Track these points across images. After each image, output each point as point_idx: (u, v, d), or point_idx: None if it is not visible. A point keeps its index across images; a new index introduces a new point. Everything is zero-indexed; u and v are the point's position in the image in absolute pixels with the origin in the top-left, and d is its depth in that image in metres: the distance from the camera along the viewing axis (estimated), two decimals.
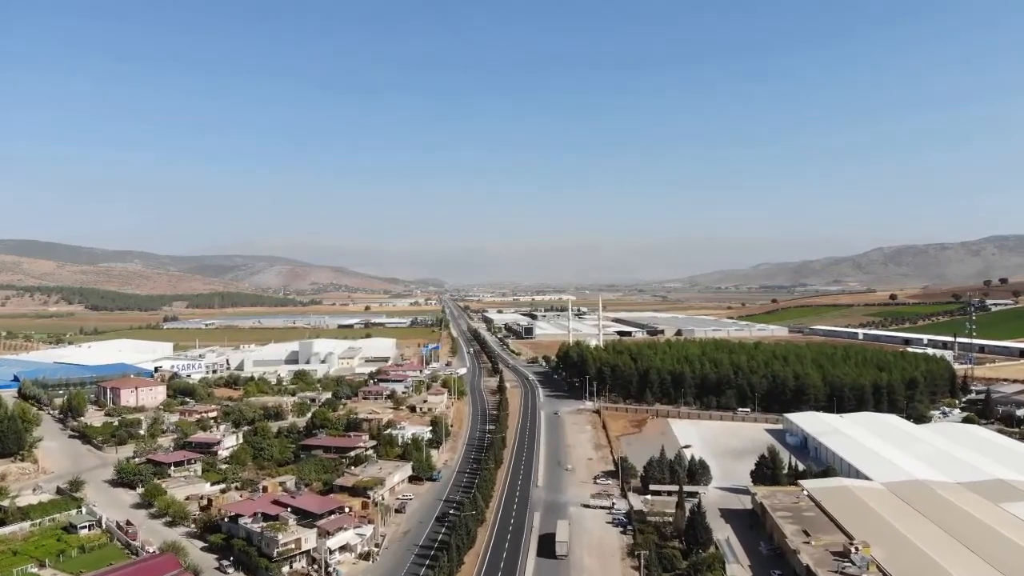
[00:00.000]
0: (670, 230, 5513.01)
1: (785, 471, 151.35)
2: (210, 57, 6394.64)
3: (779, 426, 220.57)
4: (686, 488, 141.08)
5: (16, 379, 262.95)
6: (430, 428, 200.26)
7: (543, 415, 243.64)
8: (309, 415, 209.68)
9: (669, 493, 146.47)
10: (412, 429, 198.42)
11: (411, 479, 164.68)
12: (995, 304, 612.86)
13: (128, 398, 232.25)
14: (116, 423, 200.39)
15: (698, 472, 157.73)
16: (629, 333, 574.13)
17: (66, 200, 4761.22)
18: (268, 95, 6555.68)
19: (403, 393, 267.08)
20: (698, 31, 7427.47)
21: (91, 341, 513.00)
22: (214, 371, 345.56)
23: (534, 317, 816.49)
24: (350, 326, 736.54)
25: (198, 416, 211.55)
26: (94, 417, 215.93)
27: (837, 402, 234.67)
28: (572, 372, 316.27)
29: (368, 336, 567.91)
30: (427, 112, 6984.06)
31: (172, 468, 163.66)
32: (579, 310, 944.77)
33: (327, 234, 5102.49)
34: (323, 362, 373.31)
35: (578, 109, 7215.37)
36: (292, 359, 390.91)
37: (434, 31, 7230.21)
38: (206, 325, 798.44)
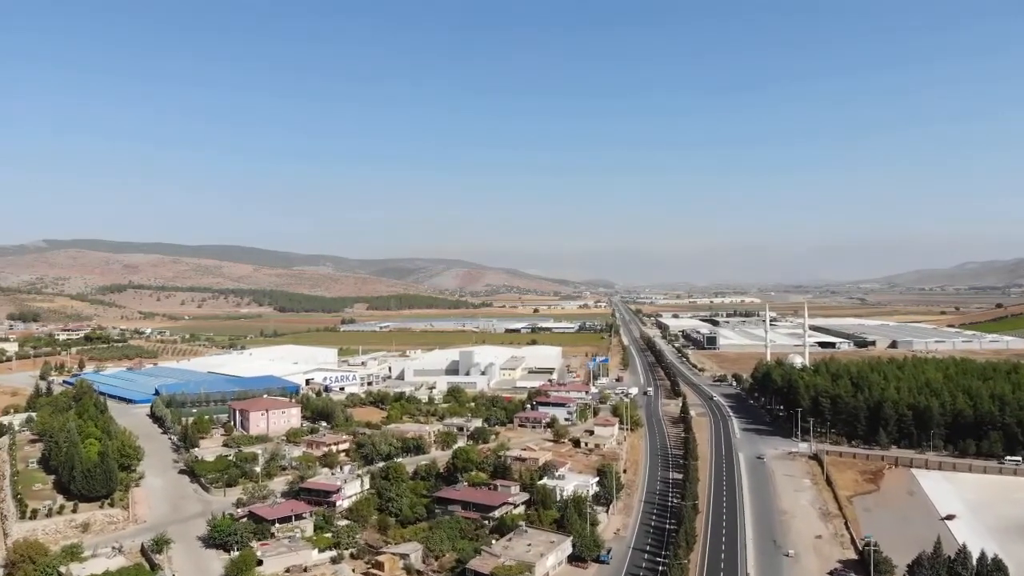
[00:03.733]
0: (857, 227, 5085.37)
1: None
2: (371, 59, 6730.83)
3: None
4: None
5: (158, 392, 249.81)
6: (597, 478, 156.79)
7: (742, 459, 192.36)
8: (452, 451, 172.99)
9: None
10: (574, 480, 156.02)
11: (571, 559, 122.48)
12: None
13: (257, 422, 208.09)
14: (232, 456, 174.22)
15: None
16: (832, 344, 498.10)
17: (262, 207, 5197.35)
18: (437, 99, 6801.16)
19: (566, 420, 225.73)
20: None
21: (263, 345, 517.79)
22: (370, 383, 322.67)
23: (715, 323, 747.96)
24: (517, 331, 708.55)
25: (326, 449, 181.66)
26: (212, 447, 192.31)
27: None
28: (773, 398, 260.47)
29: (533, 343, 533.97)
30: (597, 111, 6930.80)
31: (276, 525, 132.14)
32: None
33: (502, 237, 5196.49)
34: (483, 373, 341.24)
35: (746, 100, 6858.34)
36: (453, 369, 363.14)
37: (608, 29, 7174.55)
38: (381, 327, 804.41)
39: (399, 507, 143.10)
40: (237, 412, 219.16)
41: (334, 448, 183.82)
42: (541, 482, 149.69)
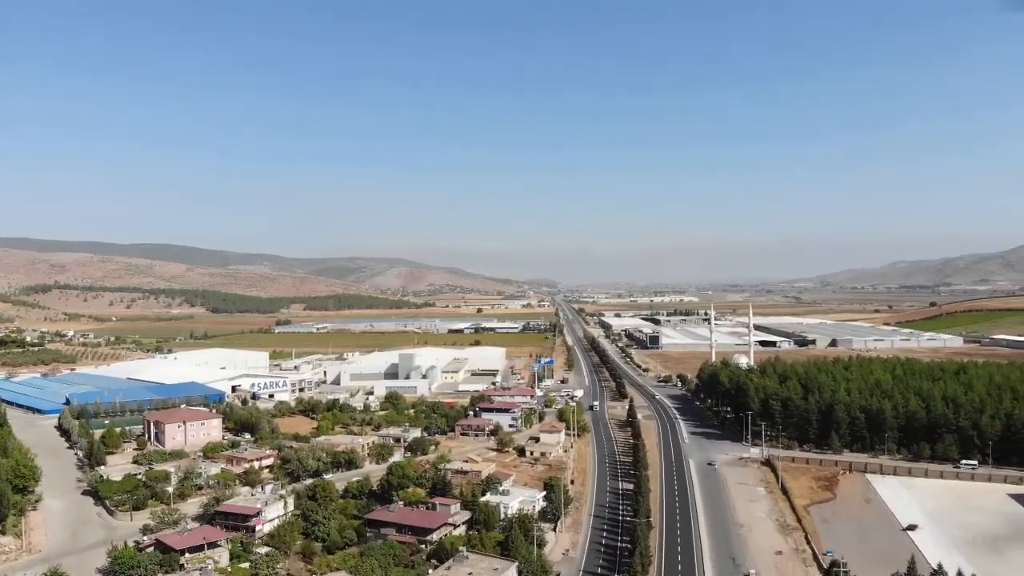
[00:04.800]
0: (791, 227, 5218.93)
1: None
2: (327, 62, 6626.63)
3: None
4: None
5: (69, 401, 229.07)
6: (544, 492, 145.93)
7: (693, 466, 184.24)
8: (388, 465, 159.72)
9: None
10: (519, 495, 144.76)
11: None
12: None
13: (174, 435, 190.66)
14: (142, 475, 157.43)
15: None
16: (773, 343, 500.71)
17: (200, 205, 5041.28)
18: (386, 97, 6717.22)
19: (510, 427, 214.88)
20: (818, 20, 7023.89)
21: (191, 348, 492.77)
22: (302, 389, 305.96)
23: (657, 323, 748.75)
24: (460, 331, 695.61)
25: (247, 465, 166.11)
26: (121, 464, 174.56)
27: None
28: (720, 400, 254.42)
29: (477, 344, 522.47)
30: (536, 108, 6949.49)
31: (187, 555, 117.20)
32: (705, 314, 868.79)
33: (445, 236, 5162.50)
34: (424, 377, 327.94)
35: (688, 104, 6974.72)
36: (392, 372, 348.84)
37: (559, 31, 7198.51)
38: (317, 329, 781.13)
39: (326, 531, 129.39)
40: (152, 424, 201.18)
41: (256, 464, 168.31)
42: (484, 499, 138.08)
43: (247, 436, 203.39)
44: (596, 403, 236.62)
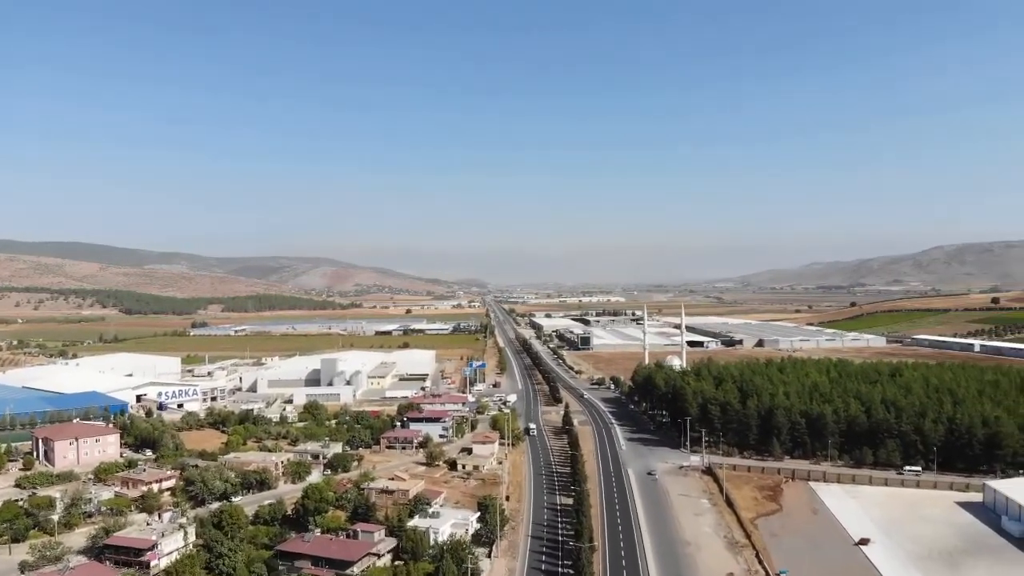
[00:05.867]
0: (712, 229, 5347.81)
1: None
2: (253, 55, 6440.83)
3: (975, 496, 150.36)
4: None
5: None
6: (478, 513, 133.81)
7: (633, 477, 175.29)
8: (304, 486, 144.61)
9: None
10: (451, 517, 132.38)
11: None
12: None
13: (64, 453, 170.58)
14: (24, 501, 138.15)
15: None
16: (701, 343, 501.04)
17: (115, 201, 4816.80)
18: (309, 93, 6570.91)
19: (440, 437, 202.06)
20: (731, 28, 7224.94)
21: (100, 353, 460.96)
22: (214, 398, 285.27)
23: (587, 323, 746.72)
24: (388, 333, 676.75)
25: (145, 488, 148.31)
26: (1, 487, 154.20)
27: None
28: (656, 403, 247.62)
29: (405, 346, 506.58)
30: (465, 107, 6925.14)
31: None
32: (633, 314, 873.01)
33: (372, 235, 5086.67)
34: (348, 383, 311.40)
35: (615, 106, 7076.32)
36: (314, 378, 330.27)
37: (479, 27, 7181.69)
38: (235, 331, 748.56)
39: (232, 565, 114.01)
40: (41, 441, 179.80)
41: (156, 487, 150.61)
42: (412, 524, 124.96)
43: (148, 453, 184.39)
44: (533, 426, 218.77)
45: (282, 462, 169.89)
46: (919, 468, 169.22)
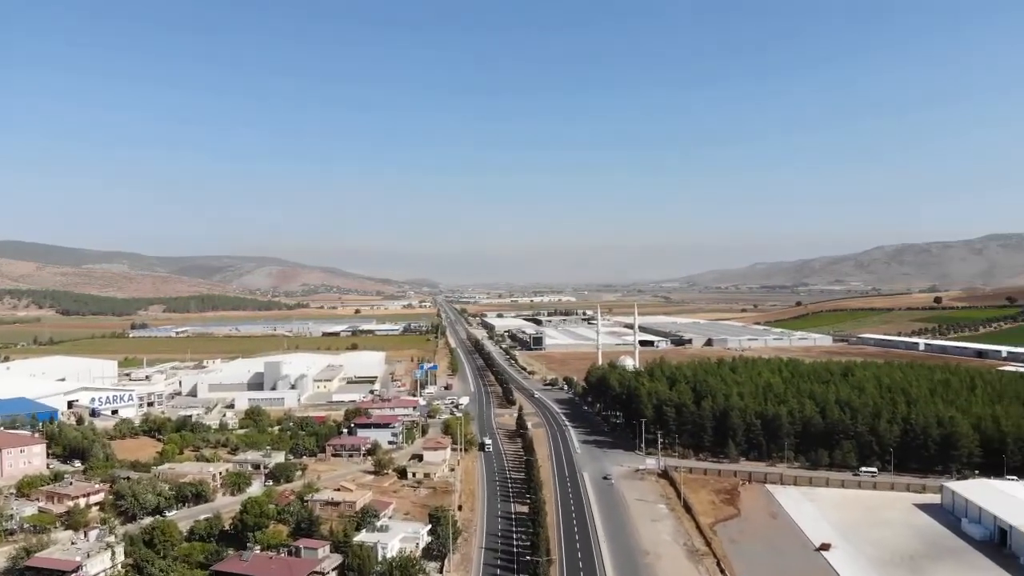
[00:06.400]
0: (659, 229, 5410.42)
1: None
2: (199, 50, 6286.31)
3: (933, 498, 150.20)
4: None
5: None
6: (429, 526, 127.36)
7: (588, 481, 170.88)
8: (243, 499, 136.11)
9: None
10: (400, 531, 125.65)
11: None
12: None
13: None
14: None
15: None
16: (651, 343, 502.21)
17: (54, 199, 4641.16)
18: (261, 90, 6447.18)
19: (390, 444, 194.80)
20: (686, 30, 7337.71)
21: (35, 355, 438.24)
22: (151, 403, 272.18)
23: (539, 323, 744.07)
24: (336, 334, 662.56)
25: (71, 503, 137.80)
26: None
27: (996, 458, 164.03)
28: (610, 404, 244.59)
29: (354, 347, 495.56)
30: (417, 108, 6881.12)
31: None
32: (584, 313, 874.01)
33: (321, 234, 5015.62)
34: (293, 387, 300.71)
35: (561, 107, 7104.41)
36: (257, 382, 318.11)
37: (427, 27, 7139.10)
38: (176, 333, 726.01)
39: None
40: None
41: (83, 502, 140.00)
42: (359, 539, 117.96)
43: (77, 464, 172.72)
44: (489, 441, 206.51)
45: (220, 473, 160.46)
46: (875, 469, 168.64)
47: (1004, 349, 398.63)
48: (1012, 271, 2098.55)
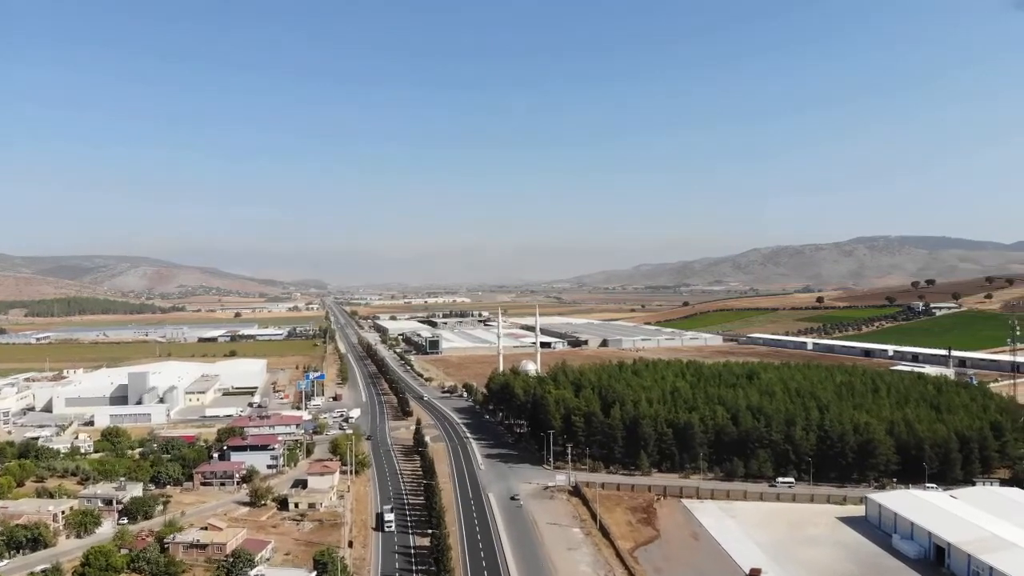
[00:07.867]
0: (549, 231, 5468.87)
1: None
2: (78, 33, 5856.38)
3: (856, 510, 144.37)
4: None
5: None
6: (314, 572, 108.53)
7: (495, 504, 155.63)
8: (93, 539, 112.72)
9: None
10: None
11: None
12: (938, 308, 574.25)
13: None
14: None
15: None
16: (548, 344, 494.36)
17: None
18: (138, 73, 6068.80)
19: (269, 467, 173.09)
20: (550, 31, 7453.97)
21: None
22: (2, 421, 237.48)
23: (434, 325, 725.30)
24: (213, 339, 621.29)
25: None
26: None
27: (912, 465, 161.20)
28: (513, 412, 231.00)
29: (232, 354, 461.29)
30: (306, 100, 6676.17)
31: None
32: (480, 314, 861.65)
33: (199, 232, 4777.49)
34: (162, 400, 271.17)
35: (443, 103, 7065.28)
36: (121, 395, 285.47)
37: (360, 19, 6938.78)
38: (37, 339, 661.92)
39: None
40: None
41: None
42: None
43: None
44: (389, 517, 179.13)
45: (63, 512, 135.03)
46: (792, 479, 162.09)
47: (890, 348, 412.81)
48: (879, 271, 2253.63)
